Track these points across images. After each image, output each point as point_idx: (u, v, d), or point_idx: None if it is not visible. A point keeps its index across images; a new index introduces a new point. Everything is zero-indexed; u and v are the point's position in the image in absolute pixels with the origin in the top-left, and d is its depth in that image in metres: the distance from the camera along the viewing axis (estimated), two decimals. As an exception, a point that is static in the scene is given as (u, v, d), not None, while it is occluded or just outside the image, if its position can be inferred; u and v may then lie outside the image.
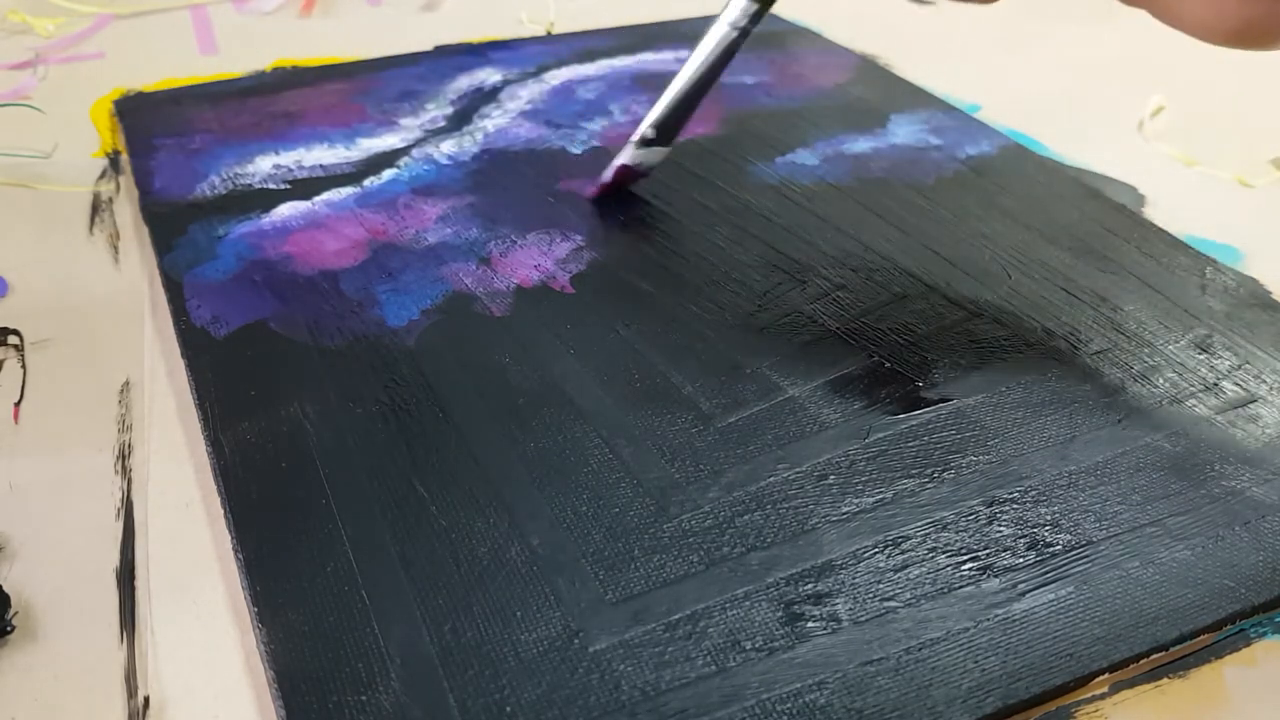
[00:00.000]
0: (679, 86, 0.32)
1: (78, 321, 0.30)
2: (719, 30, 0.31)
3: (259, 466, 0.24)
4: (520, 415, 0.26)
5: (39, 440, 0.26)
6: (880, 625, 0.21)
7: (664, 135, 0.33)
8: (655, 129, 0.33)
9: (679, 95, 0.32)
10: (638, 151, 0.33)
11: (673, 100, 0.32)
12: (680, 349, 0.28)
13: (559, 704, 0.19)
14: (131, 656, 0.21)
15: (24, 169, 0.37)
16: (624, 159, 0.34)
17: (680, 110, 0.32)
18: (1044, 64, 0.47)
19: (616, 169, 0.34)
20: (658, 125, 0.33)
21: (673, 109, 0.32)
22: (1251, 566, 0.22)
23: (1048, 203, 0.35)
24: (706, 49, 0.31)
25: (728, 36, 0.31)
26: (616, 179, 0.34)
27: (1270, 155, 0.40)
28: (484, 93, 0.42)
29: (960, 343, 0.29)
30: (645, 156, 0.34)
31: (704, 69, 0.32)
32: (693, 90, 0.32)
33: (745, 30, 0.31)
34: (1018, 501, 0.24)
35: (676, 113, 0.32)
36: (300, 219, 0.34)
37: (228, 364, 0.27)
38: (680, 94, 0.32)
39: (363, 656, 0.20)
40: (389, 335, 0.29)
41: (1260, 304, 0.31)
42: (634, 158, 0.34)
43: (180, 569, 0.23)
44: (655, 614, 0.21)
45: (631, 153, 0.34)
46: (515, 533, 0.23)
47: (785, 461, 0.25)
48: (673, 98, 0.32)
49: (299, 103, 0.41)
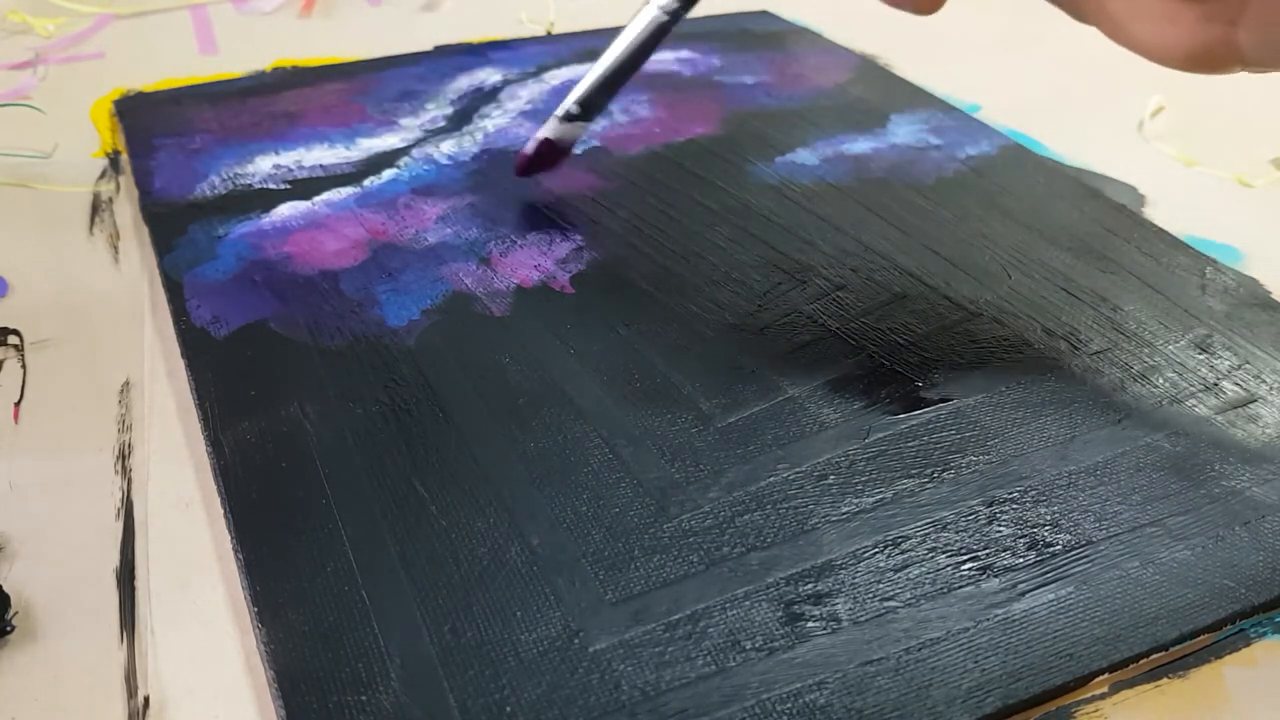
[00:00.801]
0: (605, 65, 0.32)
1: (78, 321, 0.30)
2: (649, 12, 0.31)
3: (259, 466, 0.24)
4: (520, 415, 0.26)
5: (39, 440, 0.26)
6: (880, 625, 0.21)
7: (586, 111, 0.33)
8: (580, 105, 0.33)
9: (604, 74, 0.32)
10: (560, 126, 0.34)
11: (598, 78, 0.33)
12: (680, 349, 0.28)
13: (559, 704, 0.19)
14: (131, 656, 0.21)
15: (24, 169, 0.37)
16: (547, 133, 0.34)
17: (605, 89, 0.33)
18: (1044, 64, 0.47)
19: (539, 142, 0.34)
20: (582, 102, 0.33)
21: (597, 86, 0.33)
22: (1251, 566, 0.22)
23: (1048, 203, 0.35)
24: (634, 30, 0.32)
25: (657, 19, 0.31)
26: (539, 151, 0.34)
27: (1270, 155, 0.40)
28: (484, 93, 0.42)
29: (960, 343, 0.29)
30: (568, 131, 0.34)
31: (631, 50, 0.32)
32: (619, 70, 0.32)
33: (675, 14, 0.31)
34: (1017, 501, 0.24)
35: (601, 91, 0.33)
36: (300, 219, 0.34)
37: (228, 364, 0.27)
38: (606, 73, 0.32)
39: (363, 656, 0.20)
40: (389, 335, 0.29)
41: (1260, 304, 0.31)
42: (556, 132, 0.34)
43: (180, 569, 0.23)
44: (655, 614, 0.21)
45: (554, 126, 0.34)
46: (515, 533, 0.23)
47: (785, 461, 0.25)
48: (598, 76, 0.33)
49: (299, 103, 0.41)
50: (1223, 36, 0.21)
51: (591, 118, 0.34)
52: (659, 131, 0.39)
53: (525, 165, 0.35)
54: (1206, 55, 0.22)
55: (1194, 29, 0.22)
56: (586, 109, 0.33)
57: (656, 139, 0.39)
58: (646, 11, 0.31)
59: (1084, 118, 0.43)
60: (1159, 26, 0.22)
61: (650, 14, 0.31)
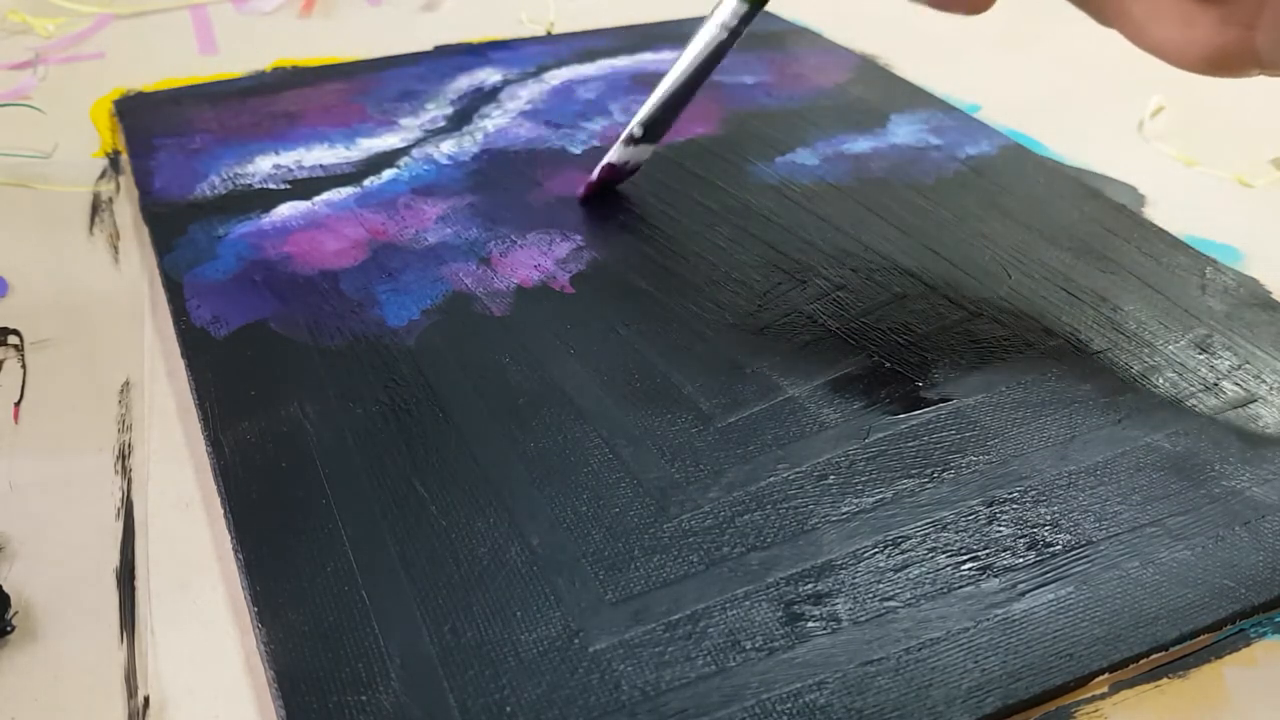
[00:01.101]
0: (668, 85, 0.32)
1: (78, 321, 0.30)
2: (709, 30, 0.31)
3: (259, 466, 0.24)
4: (520, 415, 0.26)
5: (39, 440, 0.26)
6: (880, 625, 0.21)
7: (651, 133, 0.33)
8: (643, 127, 0.33)
9: (667, 94, 0.32)
10: (625, 149, 0.34)
11: (661, 98, 0.32)
12: (680, 349, 0.28)
13: (559, 704, 0.19)
14: (131, 656, 0.21)
15: (24, 169, 0.37)
16: (611, 157, 0.34)
17: (668, 109, 0.32)
18: (1044, 64, 0.47)
19: (603, 168, 0.34)
20: (646, 123, 0.33)
21: (661, 107, 0.32)
22: (1251, 566, 0.22)
23: (1048, 203, 0.35)
24: (696, 49, 0.31)
25: (717, 37, 0.31)
26: (603, 177, 0.34)
27: (1270, 155, 0.40)
28: (484, 93, 0.42)
29: (960, 343, 0.29)
30: (633, 154, 0.34)
31: (693, 68, 0.32)
32: (681, 89, 0.32)
33: (735, 31, 0.31)
34: (1017, 501, 0.24)
35: (665, 111, 0.33)
36: (300, 219, 0.34)
37: (228, 364, 0.27)
38: (669, 93, 0.32)
39: (363, 656, 0.20)
40: (389, 335, 0.29)
41: (1260, 304, 0.31)
42: (621, 155, 0.34)
43: (180, 569, 0.23)
44: (655, 614, 0.21)
45: (619, 151, 0.34)
46: (515, 533, 0.23)
47: (785, 461, 0.25)
48: (661, 96, 0.32)
49: (299, 103, 0.41)
50: (1240, 39, 0.22)
51: (656, 139, 0.33)
52: (659, 131, 0.39)
53: (589, 192, 0.35)
54: (1224, 57, 0.22)
55: (1212, 32, 0.22)
56: (650, 130, 0.33)
57: (656, 139, 0.39)
58: (707, 30, 0.31)
59: (1084, 118, 0.43)
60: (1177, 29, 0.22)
61: (711, 33, 0.31)
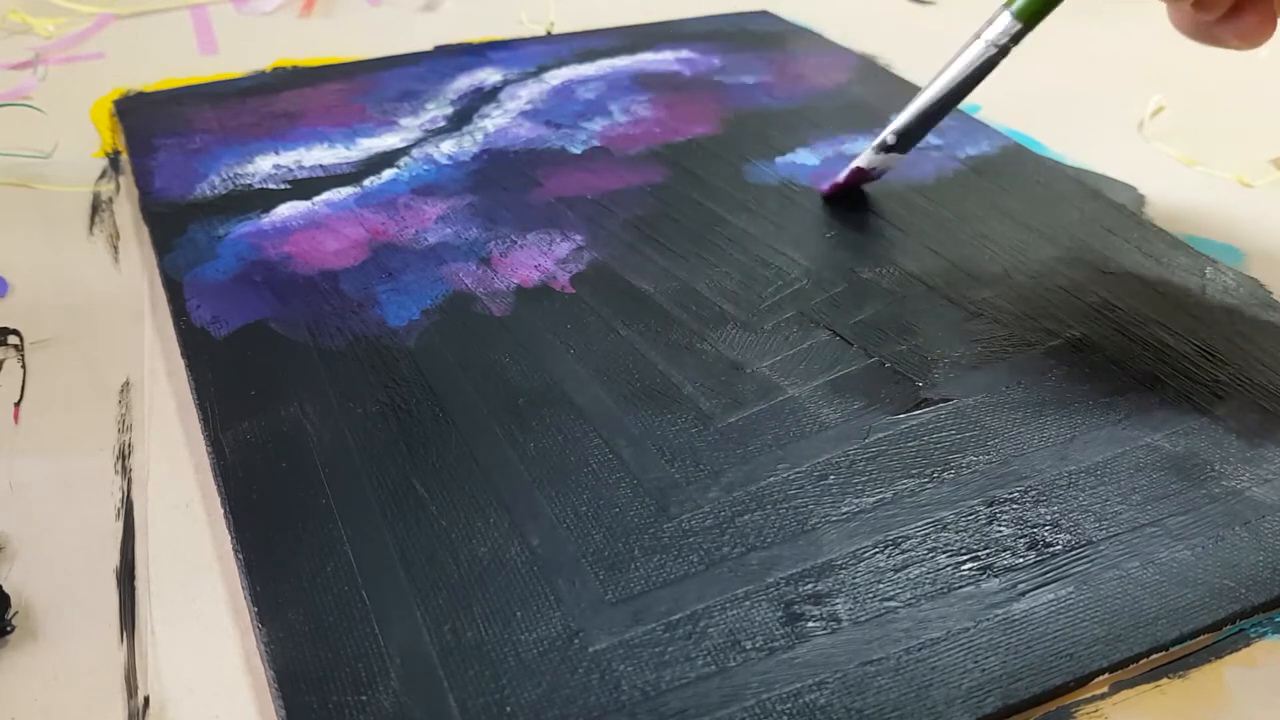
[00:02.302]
0: (926, 97, 0.32)
1: (78, 321, 0.30)
2: (977, 47, 0.30)
3: (259, 466, 0.24)
4: (520, 415, 0.26)
5: (39, 440, 0.26)
6: (880, 625, 0.21)
7: (902, 143, 0.33)
8: (897, 136, 0.33)
9: (925, 106, 0.32)
10: (875, 156, 0.34)
11: (918, 110, 0.32)
12: (680, 349, 0.28)
13: (559, 704, 0.19)
14: (131, 656, 0.21)
15: (24, 169, 0.37)
16: (861, 162, 0.34)
17: (923, 121, 0.32)
18: (1044, 64, 0.47)
19: (851, 170, 0.34)
20: (899, 133, 0.33)
21: (917, 119, 0.32)
22: (1251, 566, 0.22)
23: (1048, 203, 0.35)
24: (961, 64, 0.31)
25: (985, 53, 0.30)
26: (850, 180, 0.35)
27: (1270, 155, 0.40)
28: (484, 93, 0.42)
29: (960, 343, 0.29)
30: (882, 161, 0.34)
31: (956, 84, 0.31)
32: (939, 103, 0.32)
33: (1004, 49, 0.30)
34: (1018, 501, 0.24)
35: (919, 123, 0.32)
36: (300, 219, 0.34)
37: (228, 364, 0.27)
38: (926, 105, 0.32)
39: (363, 656, 0.20)
40: (389, 335, 0.29)
41: (1260, 304, 0.31)
42: (870, 161, 0.34)
43: (180, 569, 0.23)
44: (655, 614, 0.21)
45: (869, 156, 0.34)
46: (515, 533, 0.23)
47: (785, 461, 0.25)
48: (919, 108, 0.32)
49: (299, 103, 0.41)
50: None
51: (907, 149, 0.33)
52: (659, 131, 0.39)
53: (834, 191, 0.35)
54: None
55: None
56: (902, 140, 0.33)
57: (656, 139, 0.39)
58: (975, 45, 0.30)
59: (1084, 118, 0.43)
60: None
61: (979, 49, 0.30)
